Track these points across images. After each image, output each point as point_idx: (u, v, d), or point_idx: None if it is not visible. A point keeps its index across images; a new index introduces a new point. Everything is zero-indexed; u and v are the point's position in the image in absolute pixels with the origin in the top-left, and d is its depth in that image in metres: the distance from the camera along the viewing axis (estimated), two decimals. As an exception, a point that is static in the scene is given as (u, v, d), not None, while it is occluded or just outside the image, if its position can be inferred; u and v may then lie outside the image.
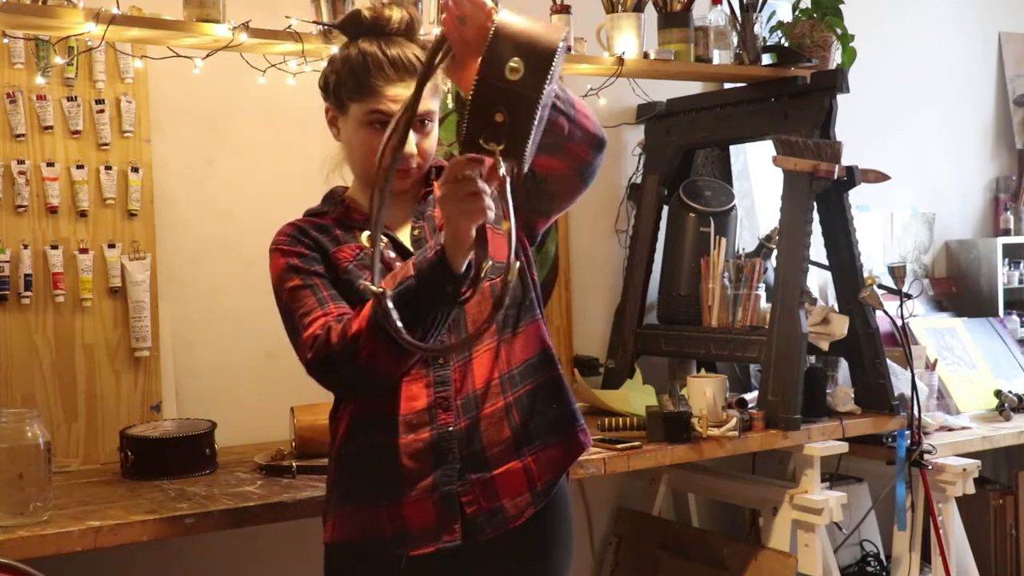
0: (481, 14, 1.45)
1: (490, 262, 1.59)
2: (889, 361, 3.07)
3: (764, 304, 3.07)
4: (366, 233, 1.61)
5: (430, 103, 1.78)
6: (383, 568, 1.77)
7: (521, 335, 1.81)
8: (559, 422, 1.82)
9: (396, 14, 1.77)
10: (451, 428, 1.73)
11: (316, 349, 1.70)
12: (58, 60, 2.39)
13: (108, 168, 2.57)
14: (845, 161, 2.94)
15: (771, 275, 3.06)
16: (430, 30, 2.50)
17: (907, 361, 3.00)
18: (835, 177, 2.90)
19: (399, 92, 1.73)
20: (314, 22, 2.34)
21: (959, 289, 4.24)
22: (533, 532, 1.79)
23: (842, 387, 3.03)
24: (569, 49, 2.47)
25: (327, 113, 1.86)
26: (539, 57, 1.41)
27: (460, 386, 1.75)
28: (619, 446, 2.55)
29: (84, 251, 2.54)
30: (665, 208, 3.33)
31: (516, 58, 1.40)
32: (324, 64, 2.42)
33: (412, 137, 1.74)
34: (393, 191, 1.75)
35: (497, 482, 1.75)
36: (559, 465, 1.81)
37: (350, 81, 1.76)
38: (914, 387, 2.97)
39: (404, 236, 1.84)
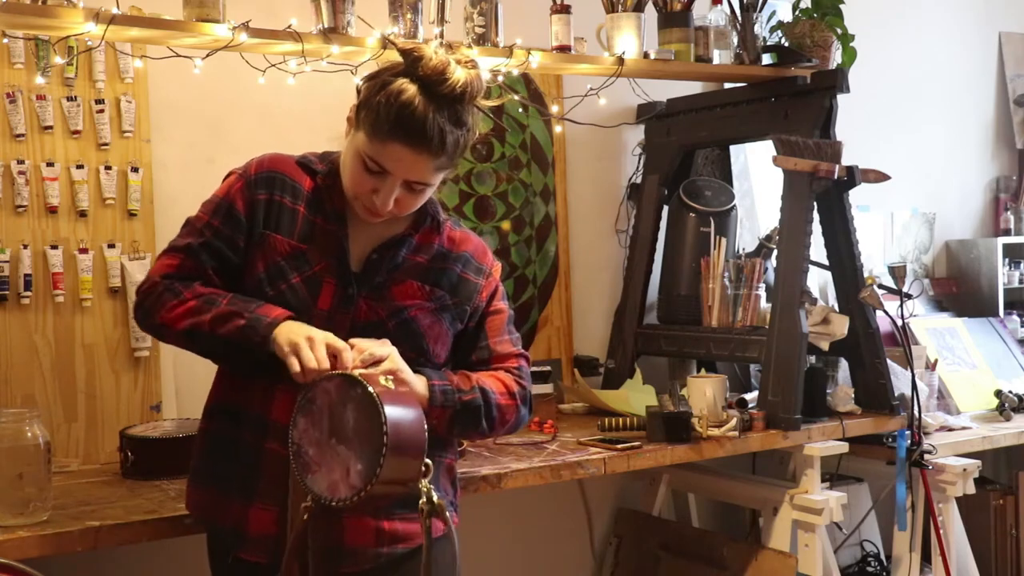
0: None
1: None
2: (889, 361, 3.07)
3: (764, 304, 3.07)
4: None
5: (430, 178, 1.76)
6: (219, 552, 1.83)
7: None
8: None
9: (455, 77, 1.70)
10: None
11: (141, 293, 1.79)
12: (58, 60, 2.39)
13: (108, 168, 2.56)
14: (845, 161, 2.93)
15: (771, 275, 3.05)
16: (430, 30, 2.50)
17: (907, 361, 3.00)
18: (835, 177, 2.90)
19: (404, 155, 1.71)
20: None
21: (959, 289, 4.24)
22: None
23: (842, 387, 3.03)
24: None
25: (351, 110, 1.80)
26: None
27: None
28: (619, 446, 2.55)
29: (84, 251, 2.54)
30: (665, 208, 3.33)
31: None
32: (323, 64, 2.43)
33: (392, 192, 1.74)
34: (362, 218, 1.81)
35: (345, 525, 1.74)
36: (411, 541, 1.81)
37: (371, 112, 1.71)
38: (914, 387, 2.97)
39: (360, 256, 1.83)
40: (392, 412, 1.56)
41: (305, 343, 1.65)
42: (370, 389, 1.57)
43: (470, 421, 1.81)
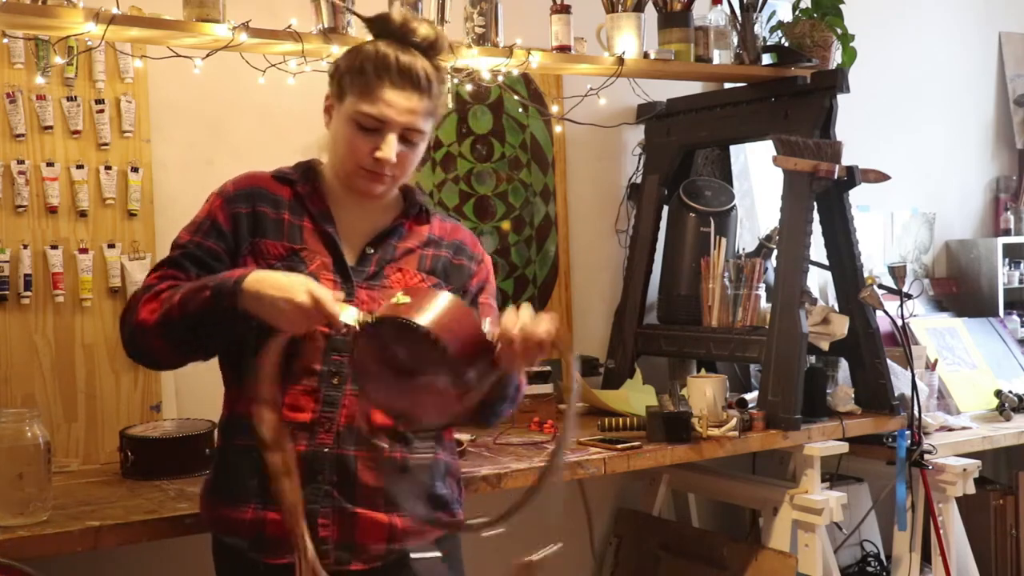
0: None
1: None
2: (889, 361, 3.07)
3: (764, 304, 3.07)
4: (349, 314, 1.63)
5: (423, 124, 1.80)
6: (246, 565, 1.80)
7: None
8: (434, 501, 1.83)
9: (424, 29, 1.81)
10: (326, 449, 1.73)
11: (124, 309, 1.79)
12: (58, 60, 2.39)
13: (108, 168, 2.57)
14: (845, 161, 2.94)
15: (771, 275, 3.06)
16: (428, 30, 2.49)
17: (907, 361, 3.00)
18: (835, 177, 2.90)
19: (397, 99, 1.76)
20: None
21: (959, 289, 4.24)
22: None
23: (842, 387, 3.03)
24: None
25: (326, 100, 1.86)
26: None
27: (349, 413, 1.75)
28: (619, 446, 2.55)
29: (84, 251, 2.54)
30: (665, 208, 3.33)
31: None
32: (323, 64, 2.43)
33: (393, 143, 1.77)
34: (363, 193, 1.82)
35: (358, 520, 1.75)
36: (422, 537, 1.81)
37: (355, 75, 1.78)
38: (914, 387, 2.97)
39: (353, 251, 1.84)
40: (427, 319, 1.54)
41: (309, 299, 1.62)
42: (396, 317, 1.55)
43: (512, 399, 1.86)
